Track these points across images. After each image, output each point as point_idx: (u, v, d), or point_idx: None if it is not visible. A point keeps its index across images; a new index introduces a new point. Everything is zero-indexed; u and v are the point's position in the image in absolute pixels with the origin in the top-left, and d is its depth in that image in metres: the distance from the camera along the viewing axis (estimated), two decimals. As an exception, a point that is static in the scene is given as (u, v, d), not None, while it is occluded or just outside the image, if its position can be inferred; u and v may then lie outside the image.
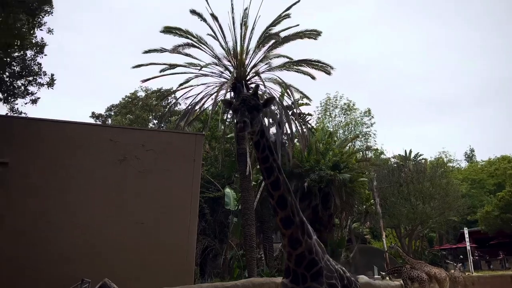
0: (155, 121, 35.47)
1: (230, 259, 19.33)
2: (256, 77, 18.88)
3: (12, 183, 11.49)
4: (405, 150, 42.09)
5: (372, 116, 44.19)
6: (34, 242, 11.10)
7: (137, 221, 11.99)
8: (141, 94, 36.21)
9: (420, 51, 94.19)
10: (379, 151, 45.40)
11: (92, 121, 33.25)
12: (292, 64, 19.17)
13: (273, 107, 20.63)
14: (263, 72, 18.98)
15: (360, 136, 42.14)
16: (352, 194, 23.72)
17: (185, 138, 13.79)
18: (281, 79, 18.84)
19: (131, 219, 11.99)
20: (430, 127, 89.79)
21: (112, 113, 35.60)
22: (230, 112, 22.18)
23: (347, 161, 23.71)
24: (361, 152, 36.22)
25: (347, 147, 29.39)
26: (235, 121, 4.38)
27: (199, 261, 18.96)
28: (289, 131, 19.13)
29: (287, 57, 19.13)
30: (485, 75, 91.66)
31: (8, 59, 12.51)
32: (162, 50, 17.89)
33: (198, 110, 20.21)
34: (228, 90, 17.98)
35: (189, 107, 19.46)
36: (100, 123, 32.03)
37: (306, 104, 22.65)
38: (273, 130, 21.72)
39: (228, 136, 23.32)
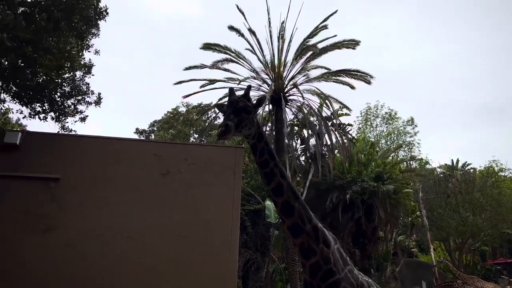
0: (196, 135, 36.17)
1: (273, 273, 19.19)
2: (294, 89, 18.94)
3: (64, 197, 12.06)
4: (452, 160, 40.31)
5: (415, 125, 42.80)
6: (84, 255, 11.55)
7: (180, 233, 12.19)
8: (182, 109, 37.12)
9: (465, 57, 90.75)
10: (424, 161, 43.80)
11: (136, 136, 34.46)
12: (331, 75, 19.07)
13: (312, 118, 20.57)
14: (301, 83, 19.03)
15: (404, 145, 40.87)
16: (396, 206, 23.00)
17: (225, 151, 13.93)
18: (319, 90, 18.80)
19: (174, 232, 12.21)
20: (479, 135, 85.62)
21: (155, 129, 36.69)
22: (269, 125, 22.33)
23: (391, 171, 23.07)
24: (405, 163, 35.07)
25: (390, 158, 28.60)
26: None
27: (241, 274, 18.96)
28: (329, 142, 18.95)
29: (325, 68, 19.07)
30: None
31: (59, 80, 13.25)
32: (202, 66, 18.37)
33: (237, 123, 20.46)
34: (267, 103, 18.10)
35: (229, 121, 19.73)
36: (144, 138, 33.09)
37: (346, 114, 22.39)
38: (312, 141, 21.61)
39: (267, 148, 23.32)
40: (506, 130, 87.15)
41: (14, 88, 12.87)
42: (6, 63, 11.70)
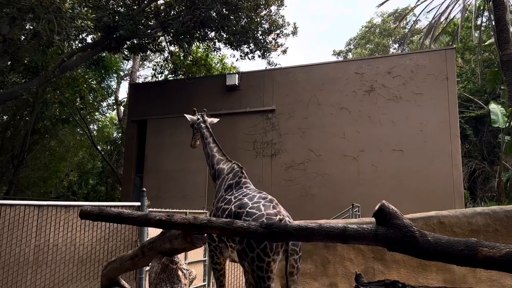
0: (395, 46, 33.75)
1: (507, 182, 17.12)
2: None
3: (281, 125, 13.45)
4: None
5: None
6: (306, 173, 12.83)
7: (394, 148, 12.07)
8: (377, 20, 34.83)
9: None
10: None
11: (334, 58, 34.55)
12: None
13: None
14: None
15: None
16: None
17: (433, 56, 12.61)
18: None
19: (388, 146, 12.15)
20: None
21: (352, 47, 35.85)
22: (485, 15, 18.78)
23: None
24: None
25: None
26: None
27: (467, 185, 17.64)
28: None
29: None
30: None
31: (259, 19, 14.23)
32: (394, -34, 16.48)
33: (443, 21, 18.00)
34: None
35: (433, 20, 17.54)
36: (342, 59, 32.93)
37: None
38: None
39: (486, 43, 19.96)
40: None
41: (224, 36, 14.59)
42: (214, 14, 13.24)
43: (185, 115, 5.74)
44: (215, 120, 5.62)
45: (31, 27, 11.86)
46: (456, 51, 16.03)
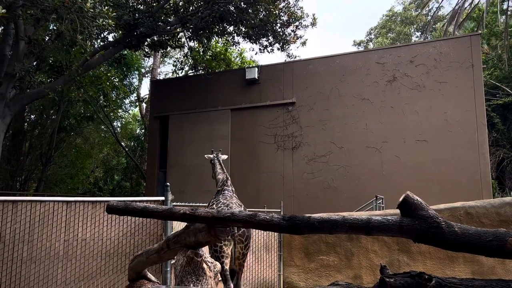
0: (418, 34, 32.97)
1: (536, 171, 16.57)
2: None
3: (301, 117, 13.38)
4: None
5: None
6: (328, 165, 12.75)
7: (418, 138, 11.85)
8: (398, 8, 34.09)
9: None
10: None
11: (355, 49, 34.02)
12: None
13: None
14: None
15: None
16: None
17: (457, 43, 12.26)
18: None
19: (412, 137, 11.94)
20: None
21: (373, 36, 35.20)
22: (512, -2, 18.10)
23: None
24: None
25: None
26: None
27: (495, 174, 17.17)
28: None
29: None
30: None
31: (277, 12, 14.12)
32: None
33: (468, 7, 17.51)
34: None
35: (457, 6, 17.09)
36: (363, 49, 32.42)
37: None
38: None
39: (513, 28, 19.29)
40: None
41: (243, 30, 14.56)
42: (233, 8, 13.22)
43: (206, 155, 7.14)
44: (225, 156, 7.07)
45: (55, 28, 12.14)
46: (481, 37, 15.55)
